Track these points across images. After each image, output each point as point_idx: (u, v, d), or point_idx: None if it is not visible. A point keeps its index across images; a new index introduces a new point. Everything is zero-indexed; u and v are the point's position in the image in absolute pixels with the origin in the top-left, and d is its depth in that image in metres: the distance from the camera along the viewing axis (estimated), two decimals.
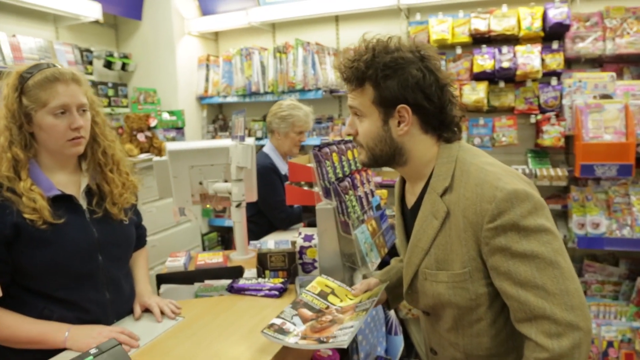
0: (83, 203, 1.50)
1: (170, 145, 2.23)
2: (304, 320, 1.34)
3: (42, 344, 1.34)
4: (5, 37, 3.26)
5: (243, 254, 2.19)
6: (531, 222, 1.04)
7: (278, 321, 1.31)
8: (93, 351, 0.99)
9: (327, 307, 1.41)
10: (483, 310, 1.16)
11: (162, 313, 1.55)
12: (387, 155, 1.21)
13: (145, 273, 1.75)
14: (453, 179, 1.15)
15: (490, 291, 1.14)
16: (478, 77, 3.50)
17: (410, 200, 1.30)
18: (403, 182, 1.36)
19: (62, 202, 1.43)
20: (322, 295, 1.46)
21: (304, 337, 1.25)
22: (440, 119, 1.18)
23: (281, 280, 1.76)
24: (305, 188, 2.12)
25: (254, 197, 2.31)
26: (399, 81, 1.12)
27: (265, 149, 2.92)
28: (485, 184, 1.08)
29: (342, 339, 1.18)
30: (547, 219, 1.06)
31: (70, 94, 1.41)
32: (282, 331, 1.28)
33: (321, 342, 1.21)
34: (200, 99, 4.52)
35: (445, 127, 1.20)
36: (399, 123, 1.17)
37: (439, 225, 1.16)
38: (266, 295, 1.68)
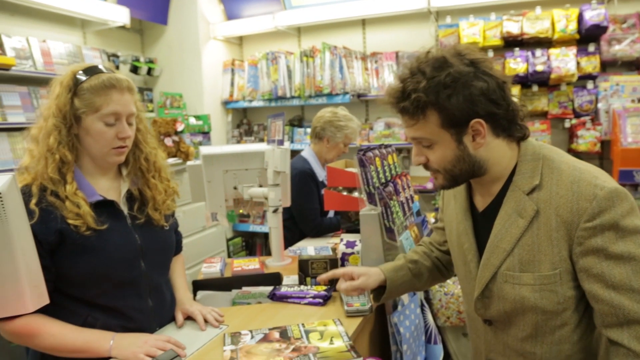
0: (124, 209, 1.47)
1: (204, 150, 2.20)
2: (266, 341, 1.35)
3: (87, 352, 1.30)
4: (37, 42, 3.28)
5: (279, 260, 2.14)
6: (629, 223, 1.00)
7: (245, 331, 1.41)
8: None
9: (299, 338, 1.36)
10: (569, 315, 1.11)
11: (205, 321, 1.51)
12: (467, 172, 1.16)
13: (184, 280, 1.71)
14: (542, 177, 1.10)
15: (576, 294, 1.10)
16: None
17: (482, 203, 1.24)
18: (468, 185, 1.30)
19: (103, 207, 1.40)
20: (307, 331, 1.41)
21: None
22: (508, 118, 1.13)
23: (324, 287, 1.70)
24: (344, 193, 2.07)
25: (288, 202, 2.26)
26: (464, 97, 1.06)
27: (304, 154, 2.83)
28: (582, 182, 1.04)
29: None
30: None
31: (124, 103, 1.38)
32: (236, 337, 1.38)
33: None
34: (226, 103, 4.51)
35: (514, 124, 1.15)
36: (474, 137, 1.12)
37: (525, 225, 1.10)
38: (310, 303, 1.62)
